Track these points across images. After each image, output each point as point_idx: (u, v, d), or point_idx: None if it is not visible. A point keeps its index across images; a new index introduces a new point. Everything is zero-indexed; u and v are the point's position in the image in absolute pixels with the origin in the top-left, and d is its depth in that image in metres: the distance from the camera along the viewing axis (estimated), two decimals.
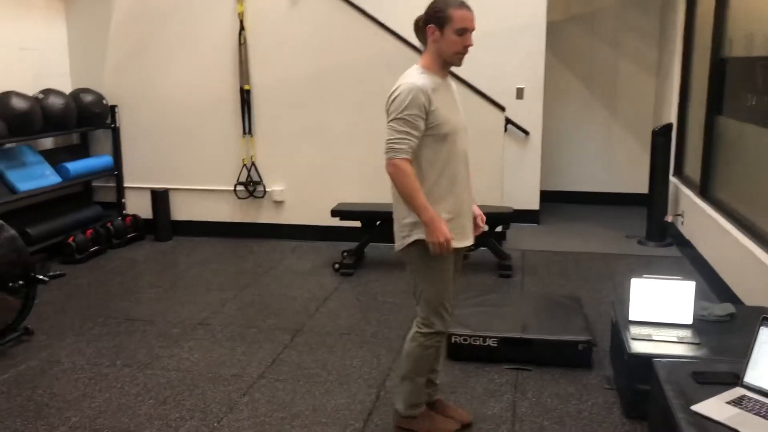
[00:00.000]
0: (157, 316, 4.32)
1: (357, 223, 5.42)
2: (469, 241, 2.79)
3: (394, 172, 2.58)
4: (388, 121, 2.61)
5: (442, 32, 2.61)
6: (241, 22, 5.80)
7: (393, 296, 4.64)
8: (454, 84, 2.82)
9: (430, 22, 2.63)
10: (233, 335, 4.02)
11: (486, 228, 2.98)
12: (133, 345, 3.89)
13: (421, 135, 2.59)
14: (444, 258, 2.68)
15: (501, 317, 3.79)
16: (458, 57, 2.66)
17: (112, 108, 6.11)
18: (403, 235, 2.71)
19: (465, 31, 2.61)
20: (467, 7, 2.62)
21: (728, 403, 2.10)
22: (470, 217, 2.81)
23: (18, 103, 5.07)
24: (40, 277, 3.94)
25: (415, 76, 2.63)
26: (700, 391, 2.19)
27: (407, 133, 2.56)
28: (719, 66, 4.86)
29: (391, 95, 2.62)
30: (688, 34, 5.92)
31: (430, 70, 2.67)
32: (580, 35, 7.18)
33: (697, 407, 2.08)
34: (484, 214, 2.95)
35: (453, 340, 3.61)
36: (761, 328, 2.20)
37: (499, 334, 3.59)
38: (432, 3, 2.64)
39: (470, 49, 2.66)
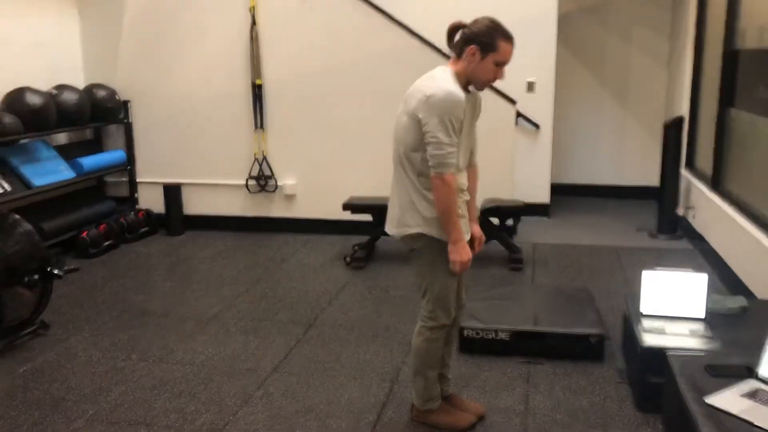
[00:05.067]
0: (171, 310, 4.36)
1: (368, 217, 5.44)
2: (468, 236, 2.81)
3: (441, 186, 2.56)
4: (430, 125, 2.52)
5: (483, 58, 2.57)
6: (253, 17, 5.82)
7: (404, 289, 4.66)
8: (479, 94, 2.78)
9: (474, 43, 2.58)
10: (246, 329, 4.05)
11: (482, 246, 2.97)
12: (147, 339, 3.93)
13: None
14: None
15: (512, 310, 3.80)
16: (486, 85, 2.65)
17: (125, 103, 6.14)
18: (407, 224, 2.71)
19: (503, 64, 2.61)
20: (513, 41, 2.60)
21: (743, 395, 2.11)
22: (466, 216, 2.80)
23: (32, 99, 5.12)
24: (56, 271, 3.98)
25: (450, 82, 2.57)
26: (714, 384, 2.19)
27: (452, 145, 2.53)
28: (731, 58, 4.84)
29: (426, 95, 2.54)
30: (699, 26, 5.88)
31: (458, 79, 2.62)
32: (591, 27, 7.15)
33: (711, 399, 2.09)
34: (494, 207, 2.96)
35: (465, 333, 3.63)
36: None
37: (511, 327, 3.61)
38: (482, 24, 2.59)
39: None
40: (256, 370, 3.53)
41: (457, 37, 2.65)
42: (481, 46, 2.57)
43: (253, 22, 5.83)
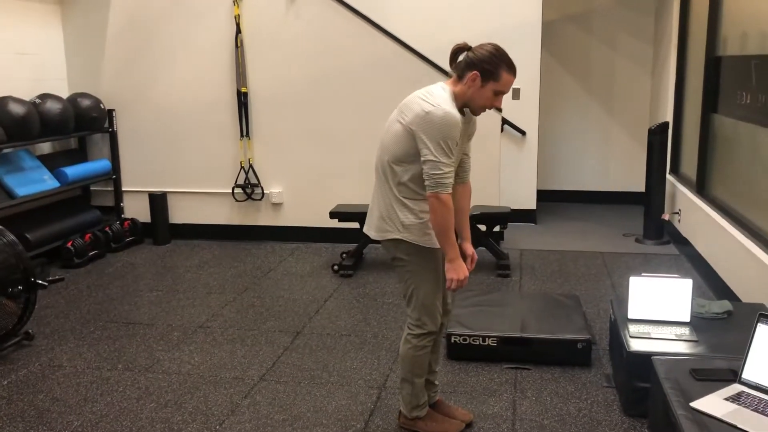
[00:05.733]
0: (157, 320, 4.33)
1: (356, 225, 5.44)
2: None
3: (437, 206, 2.55)
4: (427, 144, 2.51)
5: (483, 85, 2.58)
6: (238, 24, 5.82)
7: (392, 297, 4.66)
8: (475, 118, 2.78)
9: (476, 69, 2.57)
10: (233, 338, 4.03)
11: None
12: (133, 349, 3.90)
13: None
14: (432, 256, 2.72)
15: (500, 317, 3.81)
16: (481, 111, 2.66)
17: (110, 112, 6.12)
18: (387, 230, 2.71)
19: (502, 94, 2.61)
20: (515, 73, 2.60)
21: (726, 399, 2.12)
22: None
23: (15, 108, 5.08)
24: (40, 281, 3.94)
25: (448, 102, 2.56)
26: (699, 388, 2.21)
27: (449, 165, 2.54)
28: (714, 64, 4.89)
29: (424, 111, 2.53)
30: (682, 33, 5.95)
31: (456, 100, 2.61)
32: (575, 35, 7.21)
33: (696, 404, 2.09)
34: (481, 213, 2.97)
35: (453, 340, 3.63)
36: (758, 324, 2.22)
37: (499, 333, 3.61)
38: (486, 51, 2.58)
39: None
40: (243, 378, 3.51)
41: (461, 58, 2.64)
42: (483, 73, 2.56)
43: (238, 30, 5.82)
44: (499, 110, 5.38)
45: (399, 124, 2.62)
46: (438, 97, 2.57)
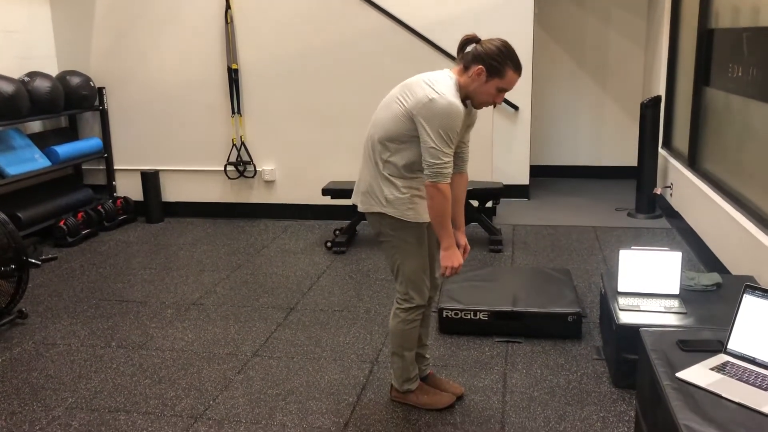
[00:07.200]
0: (151, 297, 4.34)
1: (348, 201, 5.44)
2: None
3: (436, 194, 2.57)
4: (428, 132, 2.51)
5: (487, 80, 2.56)
6: (227, 0, 5.76)
7: (385, 273, 4.68)
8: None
9: (482, 63, 2.55)
10: (227, 314, 4.05)
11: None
12: (127, 326, 3.92)
13: None
14: (417, 230, 2.73)
15: (492, 291, 3.83)
16: (483, 106, 2.65)
17: (100, 90, 6.07)
18: (371, 202, 2.73)
19: (505, 91, 2.61)
20: (521, 72, 2.59)
21: (712, 369, 2.15)
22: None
23: (4, 86, 5.04)
24: (33, 260, 3.95)
25: (452, 92, 2.55)
26: (686, 359, 2.23)
27: (449, 155, 2.55)
28: (706, 37, 4.87)
29: (428, 98, 2.52)
30: (675, 6, 5.91)
31: (459, 91, 2.60)
32: (568, 8, 7.16)
33: (681, 374, 2.12)
34: (474, 189, 2.98)
35: (444, 314, 3.65)
36: (744, 295, 2.24)
37: (490, 307, 3.63)
38: (494, 46, 2.55)
39: (458, 23, 2.64)
40: (237, 354, 3.53)
41: (468, 49, 2.62)
42: (488, 68, 2.55)
43: (228, 6, 5.77)
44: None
45: (398, 106, 2.61)
46: (443, 85, 2.56)
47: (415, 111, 2.55)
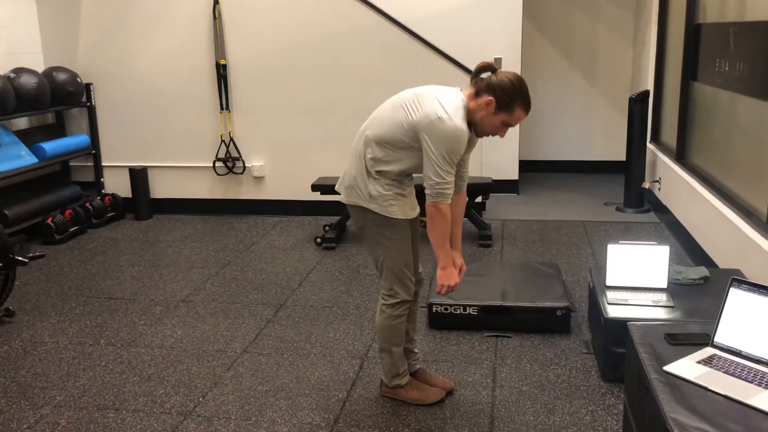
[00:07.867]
0: (140, 295, 4.32)
1: (338, 197, 5.43)
2: (418, 211, 2.86)
3: (436, 214, 2.60)
4: (432, 151, 2.53)
5: (495, 113, 2.58)
6: None
7: (375, 269, 4.67)
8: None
9: (493, 95, 2.56)
10: (216, 311, 4.04)
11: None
12: (115, 324, 3.90)
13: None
14: (400, 227, 2.74)
15: (481, 286, 3.84)
16: (484, 135, 2.68)
17: (87, 86, 6.03)
18: (354, 196, 2.74)
19: (509, 126, 2.63)
20: (529, 110, 2.61)
21: (699, 362, 2.16)
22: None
23: None
24: (20, 258, 3.92)
25: (461, 115, 2.56)
26: (673, 352, 2.24)
27: (451, 174, 2.57)
28: (693, 32, 4.89)
29: (437, 116, 2.52)
30: (663, 1, 5.93)
31: (467, 115, 2.61)
32: (557, 3, 7.16)
33: (669, 367, 2.13)
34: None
35: (434, 309, 3.66)
36: (731, 289, 2.25)
37: (480, 302, 3.64)
38: (507, 80, 2.56)
39: (448, 18, 2.65)
40: (226, 351, 3.53)
41: (483, 76, 2.63)
42: (498, 100, 2.56)
43: (216, 1, 5.74)
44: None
45: (404, 114, 2.61)
46: (453, 106, 2.56)
47: (421, 126, 2.56)
